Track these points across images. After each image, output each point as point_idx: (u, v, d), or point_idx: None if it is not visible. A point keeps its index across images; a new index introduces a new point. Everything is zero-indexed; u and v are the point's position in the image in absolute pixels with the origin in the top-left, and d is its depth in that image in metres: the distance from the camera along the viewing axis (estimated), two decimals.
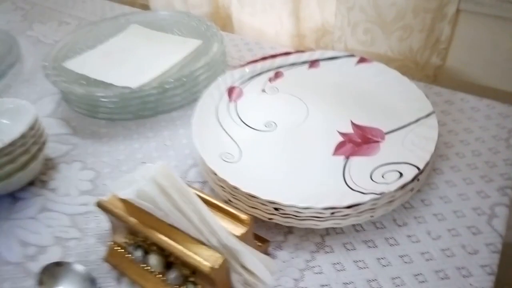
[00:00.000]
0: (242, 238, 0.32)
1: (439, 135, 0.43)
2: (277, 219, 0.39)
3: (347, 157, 0.43)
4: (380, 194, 0.37)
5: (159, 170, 0.31)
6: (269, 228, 0.41)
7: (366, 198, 0.37)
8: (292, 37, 0.73)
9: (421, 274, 0.36)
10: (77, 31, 0.66)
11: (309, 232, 0.40)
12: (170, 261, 0.33)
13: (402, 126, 0.46)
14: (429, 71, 0.65)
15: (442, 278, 0.36)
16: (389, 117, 0.47)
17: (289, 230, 0.41)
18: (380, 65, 0.54)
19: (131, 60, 0.60)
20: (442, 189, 0.43)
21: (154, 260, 0.33)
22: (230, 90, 0.53)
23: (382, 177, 0.40)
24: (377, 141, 0.45)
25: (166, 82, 0.53)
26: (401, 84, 0.50)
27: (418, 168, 0.39)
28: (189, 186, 0.35)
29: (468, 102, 0.54)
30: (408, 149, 0.43)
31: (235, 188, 0.39)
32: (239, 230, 0.32)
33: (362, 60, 0.55)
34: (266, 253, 0.37)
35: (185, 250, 0.31)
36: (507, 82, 0.62)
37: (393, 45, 0.62)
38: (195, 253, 0.30)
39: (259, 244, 0.37)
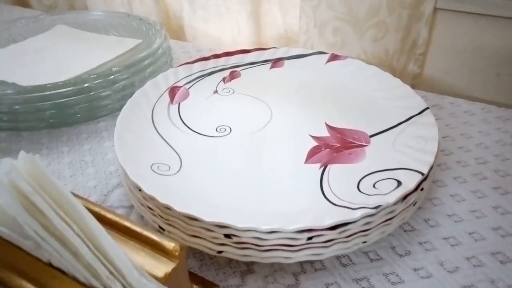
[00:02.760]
0: (167, 280, 0.19)
1: None
2: (230, 251, 0.26)
3: (325, 165, 0.32)
4: (375, 207, 0.26)
5: (22, 168, 0.18)
6: (219, 267, 0.29)
7: (356, 214, 0.26)
8: (252, 45, 0.64)
9: None
10: None
11: (276, 270, 0.28)
12: None
13: (391, 127, 0.36)
14: (406, 80, 0.58)
15: None
16: (373, 118, 0.37)
17: (249, 269, 0.28)
18: (356, 61, 0.45)
19: (48, 60, 0.48)
20: (449, 205, 0.33)
21: None
22: (172, 90, 0.42)
23: (374, 187, 0.29)
24: (362, 145, 0.34)
25: (88, 79, 0.40)
26: (384, 80, 0.41)
27: (421, 173, 0.29)
28: (86, 202, 0.22)
29: (459, 106, 0.46)
30: (402, 152, 0.32)
31: (168, 208, 0.27)
32: (163, 267, 0.20)
33: (334, 57, 0.46)
34: None
35: None
36: (492, 90, 0.54)
37: (366, 47, 0.53)
38: None
39: None
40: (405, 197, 0.27)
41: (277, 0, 0.60)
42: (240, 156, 0.34)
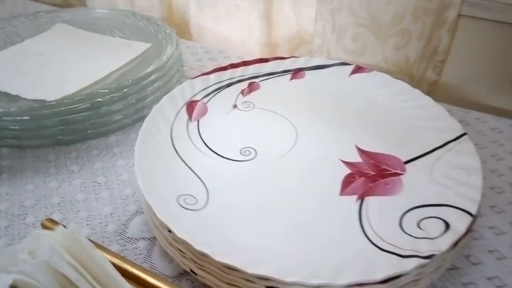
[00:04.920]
0: None
1: None
2: None
3: (361, 198, 0.31)
4: (428, 257, 0.24)
5: (60, 243, 0.16)
6: None
7: (409, 265, 0.24)
8: (262, 46, 0.61)
9: None
10: None
11: None
12: None
13: (426, 152, 0.34)
14: (423, 87, 0.56)
15: None
16: (405, 141, 0.36)
17: None
18: (382, 75, 0.42)
19: (51, 66, 0.44)
20: (489, 240, 0.31)
21: None
22: (190, 105, 0.39)
23: (419, 227, 0.27)
24: (398, 174, 0.33)
25: (100, 93, 0.37)
26: (415, 97, 0.39)
27: (470, 214, 0.27)
28: (130, 264, 0.20)
29: (486, 123, 0.44)
30: (442, 184, 0.31)
31: (203, 255, 0.24)
32: None
33: (358, 69, 0.43)
34: None
35: None
36: (510, 100, 0.53)
37: (387, 55, 0.51)
38: None
39: None
40: (457, 242, 0.26)
41: None
42: (270, 186, 0.32)
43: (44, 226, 0.22)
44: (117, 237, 0.32)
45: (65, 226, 0.23)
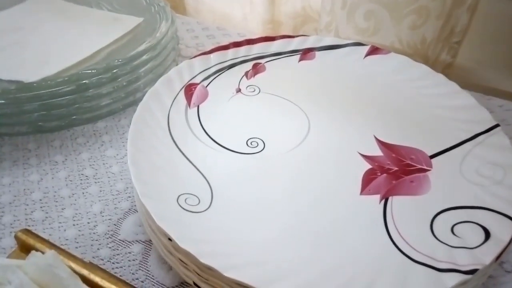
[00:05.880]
0: None
1: None
2: None
3: (385, 198, 0.27)
4: (470, 272, 0.21)
5: (32, 277, 0.12)
6: None
7: (449, 281, 0.21)
8: (265, 23, 0.56)
9: None
10: None
11: None
12: None
13: (453, 145, 0.31)
14: (437, 70, 0.52)
15: None
16: (429, 132, 0.32)
17: None
18: (401, 57, 0.38)
19: (30, 43, 0.39)
20: None
21: None
22: (188, 89, 0.35)
23: (453, 232, 0.24)
24: (423, 170, 0.29)
25: (86, 74, 0.33)
26: (437, 83, 0.36)
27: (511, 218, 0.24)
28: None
29: (510, 111, 0.41)
30: (475, 183, 0.27)
31: (210, 268, 0.21)
32: None
33: (374, 50, 0.39)
34: None
35: None
36: None
37: (402, 35, 0.47)
38: None
39: None
40: (500, 254, 0.22)
41: None
42: (281, 183, 0.28)
43: (18, 240, 0.18)
44: (108, 240, 0.28)
45: (48, 242, 0.19)
